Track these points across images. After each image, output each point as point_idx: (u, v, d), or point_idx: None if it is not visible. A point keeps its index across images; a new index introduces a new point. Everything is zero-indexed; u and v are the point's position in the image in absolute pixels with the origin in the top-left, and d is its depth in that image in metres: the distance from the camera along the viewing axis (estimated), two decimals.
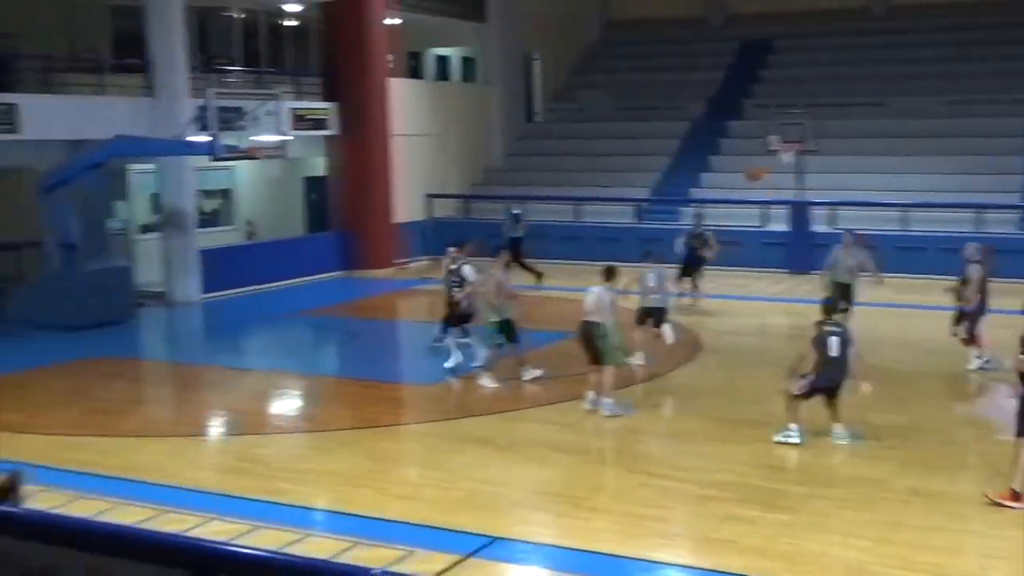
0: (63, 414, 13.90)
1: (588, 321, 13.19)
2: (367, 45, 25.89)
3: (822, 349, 11.76)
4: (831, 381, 11.85)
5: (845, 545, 9.17)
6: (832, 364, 11.79)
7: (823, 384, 11.82)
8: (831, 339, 11.76)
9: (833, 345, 11.74)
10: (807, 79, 31.43)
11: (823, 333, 11.82)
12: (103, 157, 19.79)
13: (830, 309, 12.15)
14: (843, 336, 11.84)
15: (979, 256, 15.56)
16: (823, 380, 11.79)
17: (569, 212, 28.19)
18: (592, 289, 13.37)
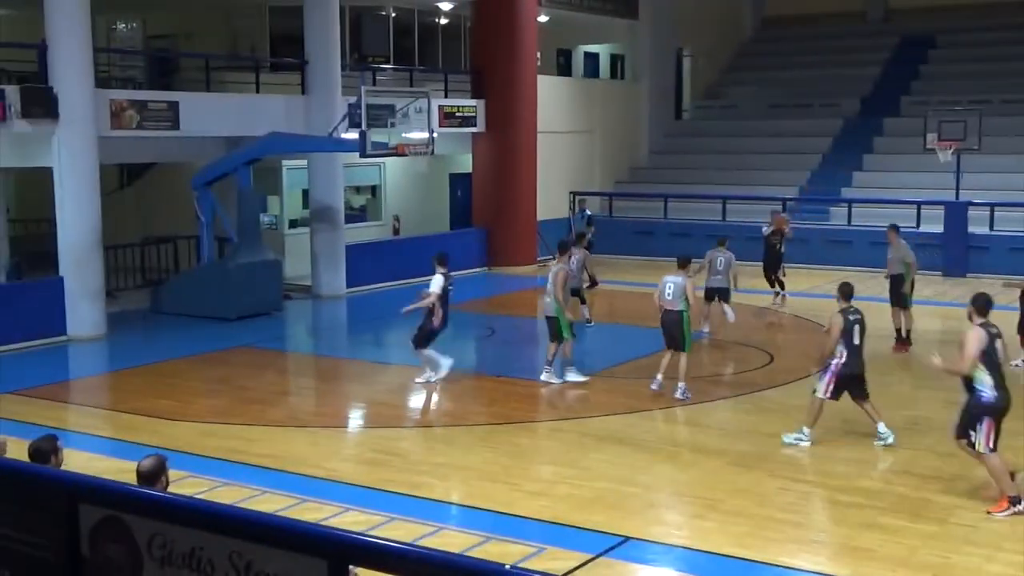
0: (212, 402, 14.34)
1: (670, 310, 13.91)
2: (517, 43, 26.00)
3: (847, 337, 11.59)
4: (857, 368, 11.71)
5: (991, 559, 8.79)
6: (855, 352, 11.66)
7: (847, 372, 11.64)
8: (855, 327, 11.63)
9: (856, 333, 11.61)
10: (970, 75, 30.43)
11: (848, 321, 11.63)
12: (257, 153, 20.34)
13: (850, 294, 11.97)
14: (864, 323, 11.74)
15: None
16: (848, 368, 11.63)
17: (714, 211, 27.81)
18: (668, 279, 14.03)
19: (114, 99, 18.80)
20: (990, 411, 9.75)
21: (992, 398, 9.73)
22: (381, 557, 3.61)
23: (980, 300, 10.15)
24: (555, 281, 14.55)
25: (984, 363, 9.71)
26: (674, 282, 13.95)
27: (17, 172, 22.20)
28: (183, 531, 4.01)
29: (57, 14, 17.39)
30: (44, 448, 7.05)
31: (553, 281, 14.58)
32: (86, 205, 17.88)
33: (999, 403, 9.74)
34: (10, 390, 14.53)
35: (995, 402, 9.73)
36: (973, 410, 9.85)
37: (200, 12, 25.96)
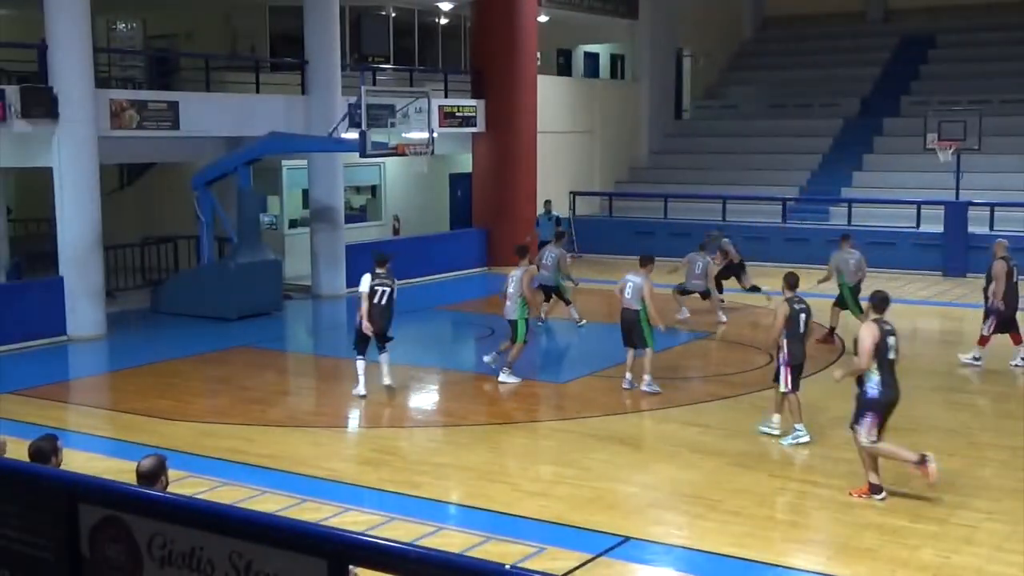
0: (212, 402, 14.34)
1: (628, 309, 14.08)
2: (517, 43, 26.01)
3: (793, 326, 11.87)
4: (802, 358, 12.01)
5: (992, 559, 8.79)
6: (799, 340, 11.95)
7: (797, 362, 11.91)
8: (801, 315, 11.91)
9: (801, 322, 11.89)
10: (970, 75, 30.43)
11: (794, 310, 11.90)
12: (257, 153, 20.33)
13: (795, 284, 12.26)
14: (809, 313, 12.05)
15: (1004, 252, 15.32)
16: (795, 358, 11.90)
17: (714, 211, 27.80)
18: (628, 278, 14.18)
19: (114, 99, 18.80)
20: (874, 405, 10.07)
21: (877, 393, 10.03)
22: (381, 557, 3.61)
23: (877, 297, 10.42)
24: (521, 284, 14.80)
25: (875, 358, 9.97)
26: (633, 281, 14.13)
27: (17, 172, 22.20)
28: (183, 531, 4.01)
29: (57, 14, 17.39)
30: (45, 448, 7.05)
31: (518, 285, 14.78)
32: (86, 205, 17.87)
33: (883, 398, 10.06)
34: (10, 390, 14.53)
35: (880, 397, 10.04)
36: (860, 403, 10.16)
37: (200, 12, 25.97)
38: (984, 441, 12.03)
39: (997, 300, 15.30)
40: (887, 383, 10.07)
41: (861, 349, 10.02)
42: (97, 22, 20.43)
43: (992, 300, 15.41)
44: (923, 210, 25.22)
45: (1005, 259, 15.30)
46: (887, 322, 10.23)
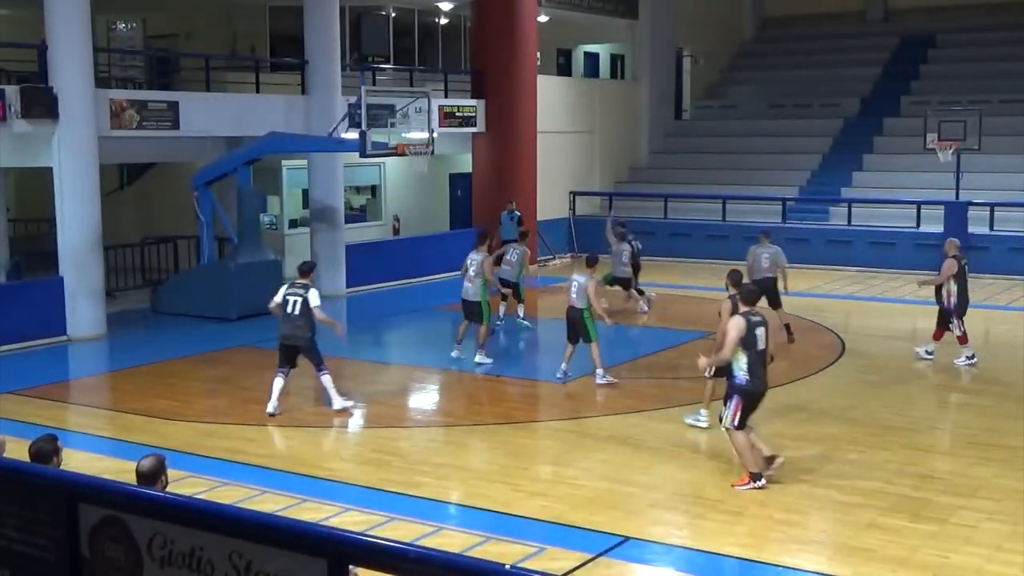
0: (211, 402, 14.34)
1: (573, 307, 14.56)
2: (517, 43, 26.00)
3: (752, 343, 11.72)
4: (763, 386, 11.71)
5: (992, 559, 8.79)
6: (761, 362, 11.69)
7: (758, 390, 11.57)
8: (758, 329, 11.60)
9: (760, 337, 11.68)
10: (970, 75, 30.43)
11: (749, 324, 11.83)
12: (257, 153, 20.33)
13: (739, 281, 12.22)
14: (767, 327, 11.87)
15: (955, 251, 15.49)
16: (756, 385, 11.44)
17: (714, 211, 27.82)
18: (574, 277, 14.73)
19: (114, 99, 18.80)
20: (740, 392, 10.41)
21: (744, 380, 10.38)
22: (381, 557, 3.62)
23: (746, 291, 10.90)
24: (482, 268, 15.77)
25: (743, 348, 10.29)
26: (579, 281, 14.58)
27: (17, 172, 22.19)
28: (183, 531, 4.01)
29: (57, 14, 17.38)
30: (46, 449, 7.06)
31: (479, 268, 15.74)
32: (86, 205, 17.87)
33: (749, 386, 10.38)
34: (10, 390, 14.53)
35: (746, 384, 10.38)
36: (728, 389, 10.56)
37: (200, 12, 25.97)
38: (984, 441, 12.02)
39: (951, 299, 15.41)
40: (754, 372, 10.37)
41: (727, 341, 10.36)
42: (97, 22, 20.43)
43: (947, 300, 15.52)
44: (923, 210, 25.22)
45: (956, 258, 15.47)
46: (757, 314, 10.50)
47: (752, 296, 10.74)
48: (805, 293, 22.39)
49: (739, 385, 10.43)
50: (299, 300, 13.24)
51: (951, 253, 15.59)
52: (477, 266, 15.83)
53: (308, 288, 13.33)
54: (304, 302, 13.21)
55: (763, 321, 10.48)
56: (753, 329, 10.32)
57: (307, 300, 13.22)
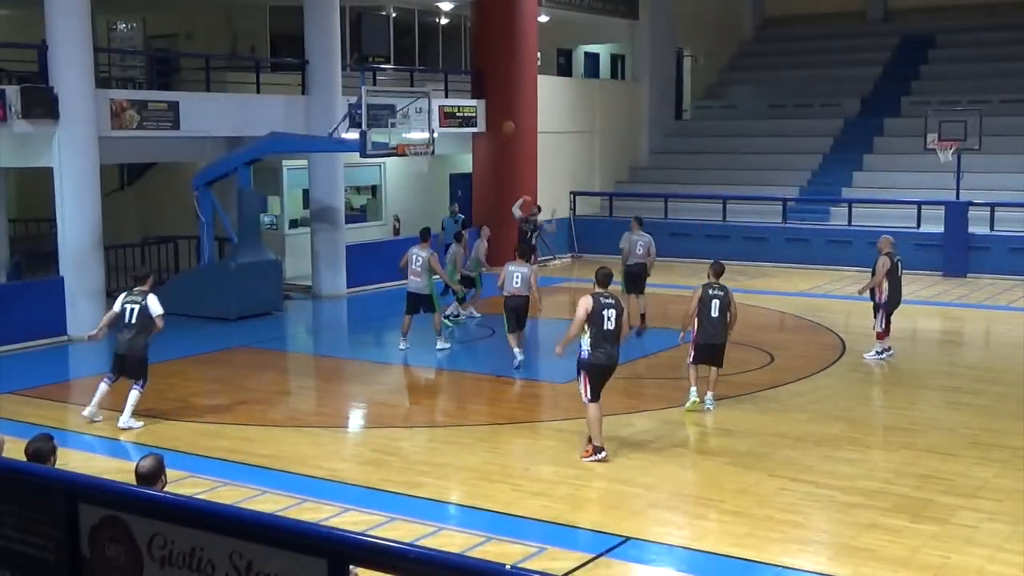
0: (212, 402, 14.33)
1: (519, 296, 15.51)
2: (517, 43, 26.01)
3: (705, 310, 13.05)
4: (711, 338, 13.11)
5: (993, 559, 8.79)
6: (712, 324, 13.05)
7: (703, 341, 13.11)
8: (713, 301, 13.04)
9: (714, 307, 13.03)
10: (970, 75, 30.44)
11: (707, 295, 13.14)
12: (257, 153, 20.32)
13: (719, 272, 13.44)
14: (724, 299, 13.09)
15: (889, 248, 15.76)
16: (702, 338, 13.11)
17: (714, 211, 27.82)
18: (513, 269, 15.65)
19: (114, 99, 18.79)
20: (585, 367, 11.20)
21: (587, 355, 11.16)
22: (381, 557, 3.61)
23: (600, 274, 11.64)
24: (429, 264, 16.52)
25: (589, 325, 11.06)
26: (521, 272, 15.57)
27: (17, 172, 22.19)
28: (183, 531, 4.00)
29: (57, 14, 17.38)
30: (43, 449, 7.05)
31: (425, 264, 16.49)
32: (86, 205, 17.87)
33: (592, 360, 11.15)
34: (10, 390, 14.53)
35: (589, 359, 11.15)
36: (577, 365, 11.33)
37: (200, 12, 25.96)
38: (985, 441, 12.01)
39: (883, 295, 15.57)
40: (598, 347, 11.10)
41: (575, 317, 11.18)
42: (97, 22, 20.43)
43: (879, 295, 15.76)
44: (923, 210, 25.22)
45: (889, 255, 15.63)
46: (607, 295, 11.28)
47: (606, 279, 11.49)
48: (805, 293, 22.41)
49: (584, 360, 11.20)
50: (136, 308, 12.76)
51: (885, 250, 15.83)
52: (424, 262, 16.51)
53: (146, 295, 12.85)
54: (142, 310, 12.74)
55: (615, 303, 11.23)
56: (601, 309, 11.08)
57: (145, 308, 12.76)
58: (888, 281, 15.76)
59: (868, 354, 16.02)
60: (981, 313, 20.55)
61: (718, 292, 13.16)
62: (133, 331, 12.78)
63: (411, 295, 16.79)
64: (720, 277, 13.42)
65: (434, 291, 16.84)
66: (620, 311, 11.27)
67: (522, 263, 15.92)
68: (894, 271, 15.82)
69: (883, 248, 15.91)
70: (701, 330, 13.11)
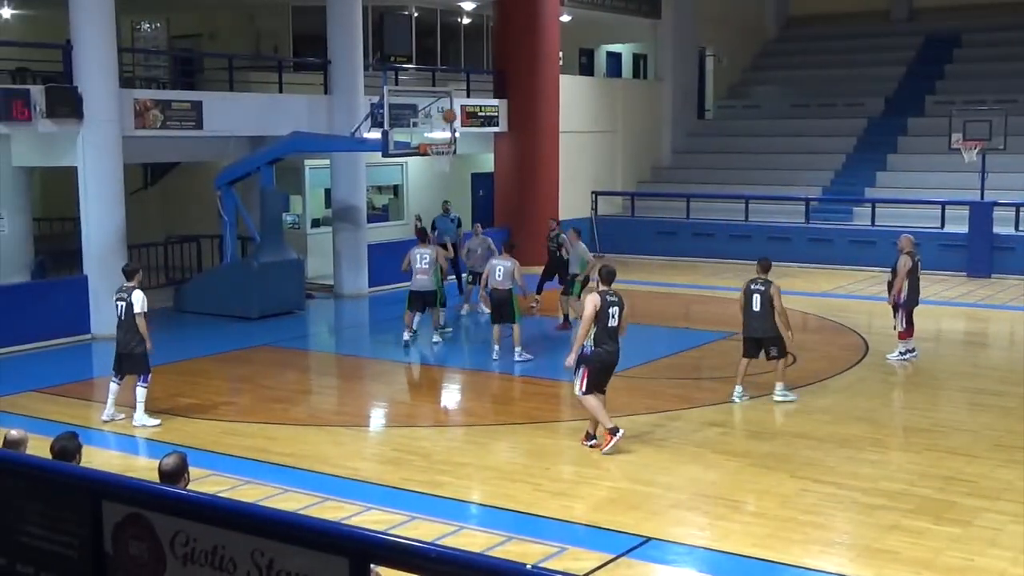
0: (235, 401, 14.38)
1: (501, 289, 16.00)
2: (539, 42, 26.00)
3: (747, 304, 13.49)
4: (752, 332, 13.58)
5: (1017, 562, 8.73)
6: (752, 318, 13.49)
7: (746, 335, 13.64)
8: (754, 296, 13.41)
9: (755, 301, 13.41)
10: (995, 74, 30.23)
11: (749, 290, 13.55)
12: (280, 153, 20.39)
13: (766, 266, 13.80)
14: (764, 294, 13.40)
15: (910, 247, 15.72)
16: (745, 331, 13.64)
17: (736, 211, 27.74)
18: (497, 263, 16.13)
19: (138, 99, 18.89)
20: (587, 361, 11.48)
21: (589, 351, 11.46)
22: (402, 556, 3.62)
23: (604, 271, 11.92)
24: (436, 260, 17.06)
25: (595, 323, 11.38)
26: (504, 265, 16.05)
27: (42, 171, 22.33)
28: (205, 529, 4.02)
29: (82, 14, 17.49)
30: (69, 448, 7.10)
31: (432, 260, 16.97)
32: (110, 204, 17.97)
33: (594, 356, 11.44)
34: (35, 388, 14.62)
35: (591, 355, 11.45)
36: (578, 360, 11.58)
37: (224, 12, 26.08)
38: (1009, 443, 11.93)
39: (901, 295, 15.50)
40: (601, 344, 11.42)
41: (584, 315, 11.55)
42: (121, 22, 20.53)
43: (897, 295, 15.67)
44: (948, 210, 25.06)
45: (910, 255, 15.54)
46: (612, 293, 11.55)
47: (610, 276, 11.74)
48: (828, 293, 22.31)
49: (585, 355, 11.48)
50: (123, 305, 12.66)
51: (906, 249, 15.72)
52: (431, 259, 16.97)
53: (131, 292, 12.67)
54: (128, 307, 12.62)
55: (618, 301, 11.54)
56: (607, 307, 11.43)
57: (131, 305, 12.60)
58: (908, 280, 15.70)
59: (891, 355, 15.95)
60: (1006, 314, 20.41)
61: (759, 287, 13.46)
62: (123, 328, 12.73)
63: (417, 294, 17.06)
64: (767, 272, 13.69)
65: (440, 287, 17.36)
66: (622, 308, 11.60)
67: (506, 257, 16.29)
68: (914, 270, 15.75)
69: (904, 247, 15.86)
70: (744, 324, 13.68)
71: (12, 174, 19.90)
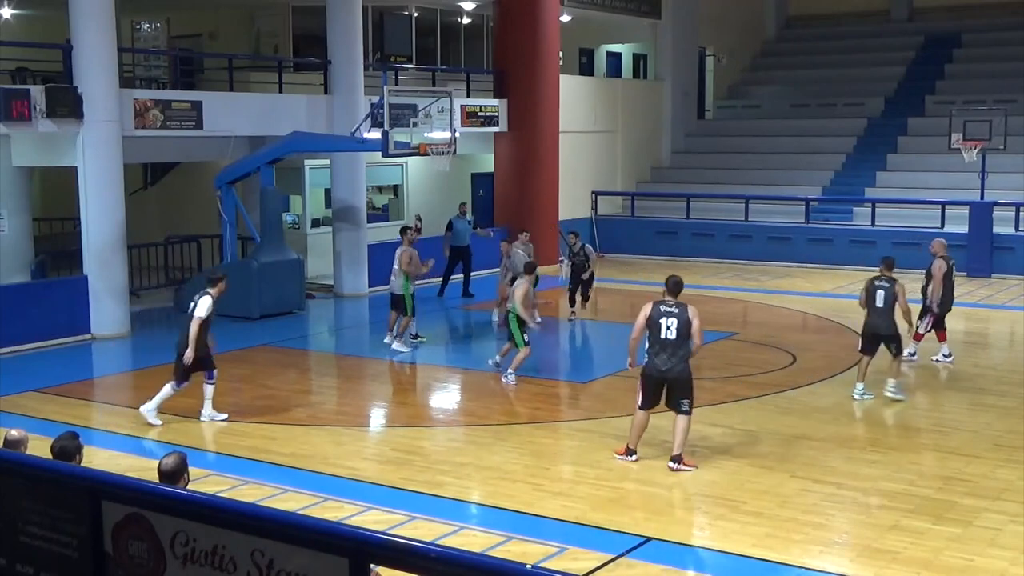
0: (234, 401, 14.37)
1: None
2: (539, 42, 25.99)
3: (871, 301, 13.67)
4: (874, 328, 13.66)
5: (1017, 562, 8.73)
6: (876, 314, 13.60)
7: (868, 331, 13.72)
8: (879, 292, 13.60)
9: (879, 298, 13.61)
10: (995, 74, 30.23)
11: (873, 287, 13.74)
12: (280, 153, 20.38)
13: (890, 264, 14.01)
14: (889, 290, 13.61)
15: (943, 251, 15.63)
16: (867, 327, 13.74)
17: (736, 211, 27.74)
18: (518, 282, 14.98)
19: (138, 99, 18.89)
20: (641, 373, 11.20)
21: (645, 362, 11.14)
22: (402, 556, 3.62)
23: (670, 281, 11.40)
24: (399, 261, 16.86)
25: (648, 333, 11.05)
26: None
27: (42, 171, 22.33)
28: (205, 529, 4.02)
29: (82, 14, 17.48)
30: (69, 447, 7.10)
31: (397, 262, 16.87)
32: (110, 204, 17.97)
33: (645, 368, 11.10)
34: (35, 388, 14.62)
35: (644, 366, 11.13)
36: None
37: (224, 12, 26.06)
38: (1009, 443, 11.94)
39: (934, 299, 15.38)
40: (655, 356, 10.98)
41: (635, 324, 11.19)
42: (121, 22, 20.52)
43: (929, 298, 15.53)
44: (948, 210, 25.07)
45: (944, 258, 15.43)
46: (670, 303, 11.03)
47: (676, 287, 11.25)
48: (828, 294, 22.30)
49: (642, 366, 11.21)
50: (192, 306, 12.89)
51: (940, 253, 15.60)
52: (397, 261, 16.89)
53: (202, 296, 12.84)
54: (194, 308, 12.80)
55: (677, 313, 10.95)
56: (659, 317, 10.95)
57: (196, 307, 12.75)
58: (943, 285, 15.55)
59: (934, 356, 15.77)
60: (1006, 314, 20.41)
61: (884, 284, 13.66)
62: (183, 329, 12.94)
63: (391, 295, 17.18)
64: (891, 270, 13.91)
65: (408, 294, 16.83)
66: (683, 321, 10.84)
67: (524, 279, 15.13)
68: (949, 274, 15.59)
69: (937, 251, 15.65)
70: (867, 320, 13.79)
71: (12, 174, 19.91)
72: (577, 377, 15.82)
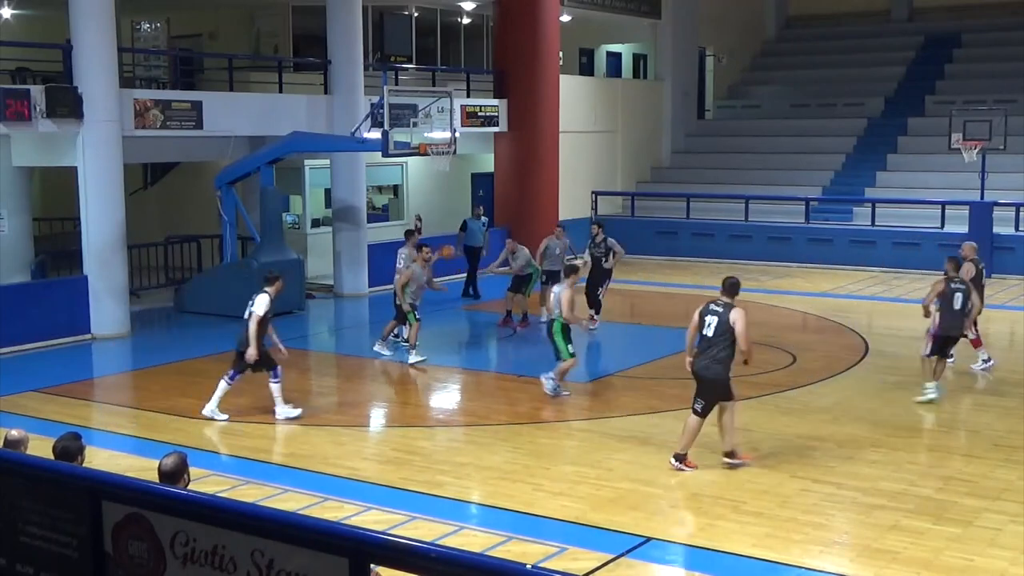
0: (234, 401, 14.34)
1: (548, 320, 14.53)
2: (539, 42, 25.99)
3: (947, 303, 13.51)
4: (950, 330, 13.60)
5: (1016, 562, 8.73)
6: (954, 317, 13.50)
7: (943, 333, 13.58)
8: (956, 295, 13.46)
9: (957, 300, 13.49)
10: (995, 74, 30.23)
11: (950, 289, 13.53)
12: (280, 153, 20.38)
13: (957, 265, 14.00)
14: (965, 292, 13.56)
15: (973, 254, 15.50)
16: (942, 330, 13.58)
17: (736, 211, 27.75)
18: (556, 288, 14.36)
19: (138, 99, 18.90)
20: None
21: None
22: (402, 556, 3.62)
23: (727, 282, 11.21)
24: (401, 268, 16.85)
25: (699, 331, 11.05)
26: (554, 292, 14.34)
27: (42, 171, 22.33)
28: (205, 529, 4.03)
29: (82, 14, 17.49)
30: (71, 448, 7.10)
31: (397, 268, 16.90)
32: (110, 204, 17.97)
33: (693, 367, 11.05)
34: (35, 388, 14.62)
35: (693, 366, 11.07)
36: None
37: (224, 12, 26.07)
38: (1009, 443, 11.94)
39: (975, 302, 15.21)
40: (701, 354, 10.96)
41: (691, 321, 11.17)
42: (121, 22, 20.53)
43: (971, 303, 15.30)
44: (948, 210, 25.07)
45: (974, 261, 15.28)
46: (720, 303, 10.92)
47: (732, 288, 11.11)
48: (828, 293, 22.31)
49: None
50: (251, 304, 13.30)
51: (970, 256, 15.41)
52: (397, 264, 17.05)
53: (259, 294, 13.34)
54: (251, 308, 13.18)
55: (720, 312, 10.85)
56: (704, 315, 10.95)
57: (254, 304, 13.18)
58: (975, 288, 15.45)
59: (975, 365, 15.55)
60: (1006, 314, 20.40)
61: (961, 286, 13.60)
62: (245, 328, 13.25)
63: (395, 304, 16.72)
64: (959, 271, 13.91)
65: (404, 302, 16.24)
66: (722, 321, 10.76)
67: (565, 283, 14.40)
68: (978, 277, 15.41)
69: (968, 255, 15.37)
70: (943, 323, 13.58)
71: (12, 174, 19.92)
72: (577, 377, 15.80)
